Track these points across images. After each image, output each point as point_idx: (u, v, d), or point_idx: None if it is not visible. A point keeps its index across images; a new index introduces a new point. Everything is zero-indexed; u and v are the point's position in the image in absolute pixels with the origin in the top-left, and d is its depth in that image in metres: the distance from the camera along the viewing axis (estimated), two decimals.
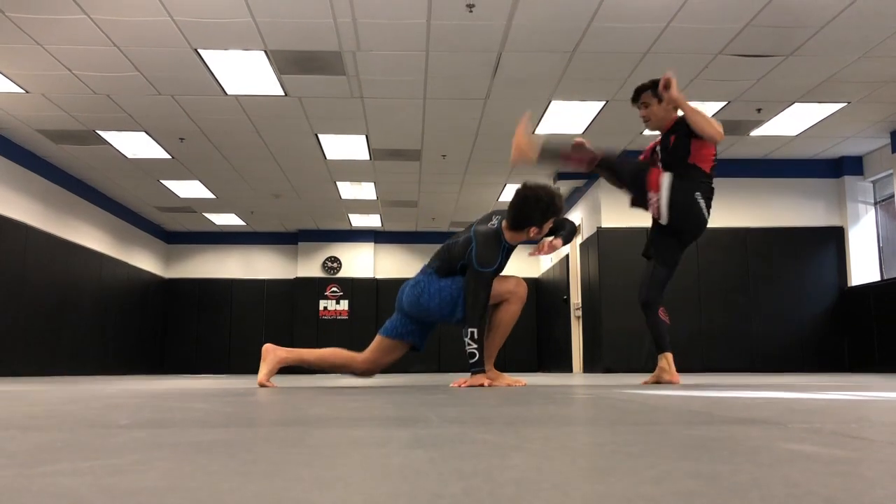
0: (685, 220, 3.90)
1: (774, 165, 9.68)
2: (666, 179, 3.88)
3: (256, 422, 1.33)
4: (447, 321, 3.58)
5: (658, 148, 4.08)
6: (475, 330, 3.36)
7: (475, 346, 3.36)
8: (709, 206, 3.92)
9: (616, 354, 9.18)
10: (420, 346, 3.77)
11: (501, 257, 3.49)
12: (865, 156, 9.49)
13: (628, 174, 4.17)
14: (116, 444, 0.95)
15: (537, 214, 3.42)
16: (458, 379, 3.68)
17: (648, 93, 4.00)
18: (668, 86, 3.85)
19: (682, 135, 3.89)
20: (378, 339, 3.74)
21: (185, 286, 14.36)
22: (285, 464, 0.75)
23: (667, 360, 3.95)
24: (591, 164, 4.12)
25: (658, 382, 3.91)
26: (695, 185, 3.86)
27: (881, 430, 1.11)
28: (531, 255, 3.71)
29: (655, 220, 4.02)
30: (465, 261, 3.44)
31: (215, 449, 0.89)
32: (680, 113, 3.96)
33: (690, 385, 3.63)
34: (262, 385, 3.43)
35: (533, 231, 3.47)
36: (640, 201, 4.11)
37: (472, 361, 3.37)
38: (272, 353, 3.54)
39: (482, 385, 3.31)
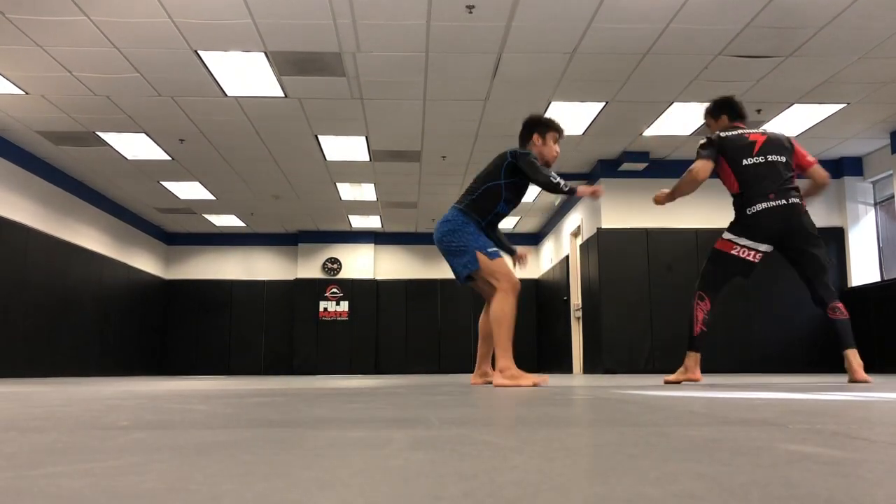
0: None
1: None
2: None
3: (257, 423, 1.33)
4: (451, 267, 3.88)
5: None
6: (551, 172, 3.75)
7: (559, 179, 3.70)
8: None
9: (616, 355, 9.18)
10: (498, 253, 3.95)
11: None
12: (865, 156, 9.49)
13: None
14: (116, 446, 0.95)
15: (535, 124, 4.01)
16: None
17: (706, 113, 4.58)
18: (658, 202, 4.29)
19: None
20: (494, 260, 3.86)
21: (185, 287, 14.36)
22: (285, 465, 0.75)
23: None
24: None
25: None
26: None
27: (882, 431, 1.11)
28: (582, 191, 3.89)
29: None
30: (509, 162, 3.83)
31: (215, 450, 0.88)
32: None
33: (691, 386, 3.63)
34: (538, 383, 3.56)
35: (536, 140, 3.97)
36: None
37: (566, 190, 3.69)
38: (509, 373, 3.59)
39: (586, 190, 3.76)
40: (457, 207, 3.88)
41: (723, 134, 4.15)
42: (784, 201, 3.95)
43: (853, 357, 3.91)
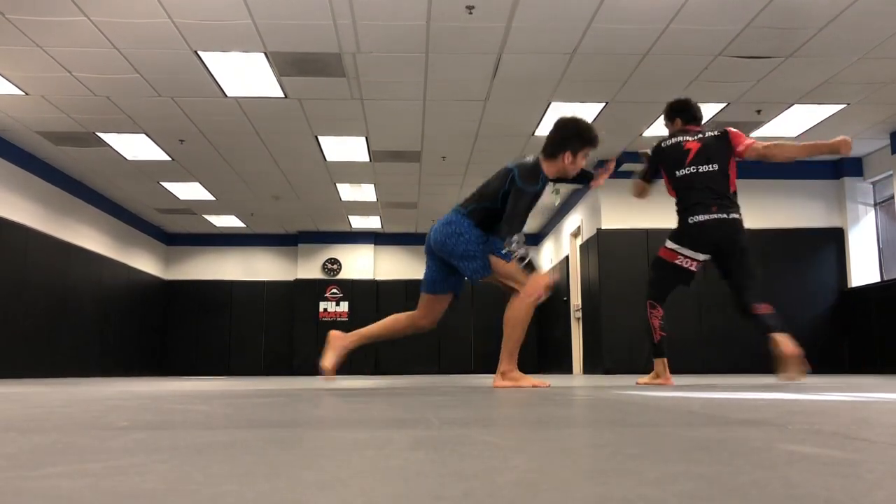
0: None
1: (774, 167, 9.66)
2: None
3: (257, 424, 1.33)
4: (460, 270, 3.60)
5: None
6: (518, 234, 3.42)
7: (523, 249, 3.42)
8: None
9: (616, 355, 9.18)
10: (456, 294, 3.81)
11: (542, 183, 3.55)
12: (865, 157, 9.49)
13: None
14: (116, 447, 0.95)
15: (571, 139, 3.53)
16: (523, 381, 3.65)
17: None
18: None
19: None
20: (422, 295, 3.80)
21: (185, 288, 14.36)
22: (285, 466, 0.75)
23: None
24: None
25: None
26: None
27: (881, 432, 1.11)
28: (595, 183, 3.80)
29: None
30: (507, 187, 3.49)
31: (215, 451, 0.89)
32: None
33: (691, 386, 3.63)
34: (325, 370, 3.53)
35: (567, 158, 3.55)
36: None
37: (525, 264, 3.44)
38: (338, 340, 3.63)
39: (536, 281, 3.45)
40: (461, 211, 3.59)
41: (663, 144, 4.30)
42: (724, 215, 4.06)
43: (784, 339, 3.89)
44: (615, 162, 3.84)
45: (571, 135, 3.54)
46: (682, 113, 4.39)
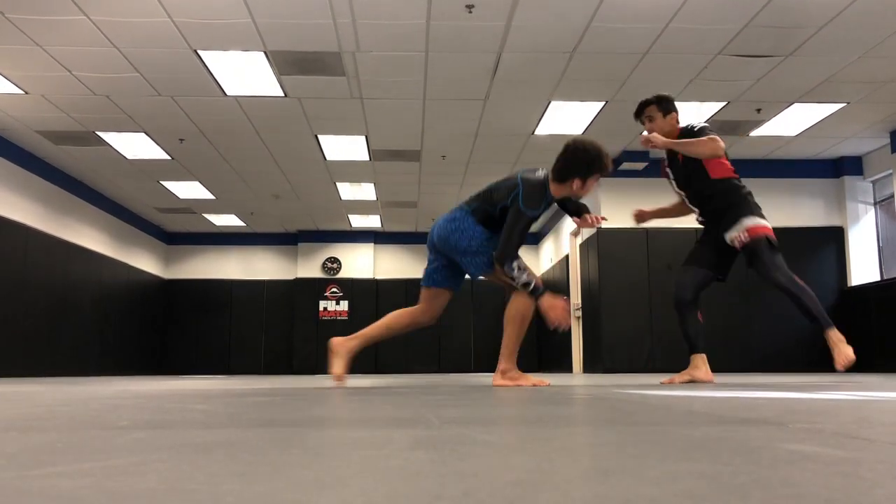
0: None
1: (774, 166, 9.68)
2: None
3: (256, 423, 1.33)
4: (463, 265, 3.60)
5: (666, 168, 4.13)
6: (517, 261, 3.39)
7: (525, 273, 3.38)
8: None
9: (616, 355, 9.18)
10: (455, 289, 3.80)
11: (544, 206, 3.51)
12: (865, 156, 9.49)
13: None
14: (116, 446, 0.95)
15: (583, 166, 3.43)
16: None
17: (653, 107, 4.05)
18: (649, 142, 3.89)
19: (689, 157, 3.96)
20: (422, 290, 3.81)
21: (184, 287, 14.36)
22: (285, 465, 0.75)
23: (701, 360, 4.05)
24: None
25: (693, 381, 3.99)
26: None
27: (882, 431, 1.11)
28: (574, 233, 3.74)
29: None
30: (508, 203, 3.45)
31: (215, 450, 0.88)
32: (682, 125, 4.04)
33: (691, 385, 3.63)
34: (337, 378, 3.52)
35: (576, 184, 3.47)
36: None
37: (530, 290, 3.41)
38: (342, 346, 3.59)
39: (553, 307, 3.38)
40: (465, 209, 3.58)
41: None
42: None
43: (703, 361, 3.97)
44: (604, 219, 3.76)
45: (583, 162, 3.44)
46: (674, 106, 4.17)
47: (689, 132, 3.97)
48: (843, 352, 3.83)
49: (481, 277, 3.66)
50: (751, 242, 3.92)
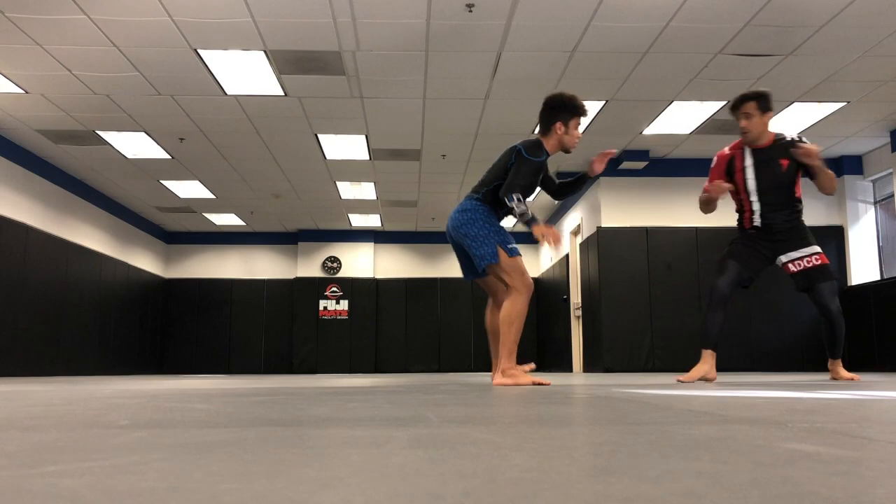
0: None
1: None
2: None
3: (256, 422, 1.33)
4: (470, 252, 3.76)
5: (746, 165, 4.08)
6: (517, 194, 3.59)
7: (523, 205, 3.59)
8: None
9: (616, 354, 9.18)
10: (485, 275, 3.92)
11: (545, 155, 3.78)
12: (865, 155, 9.49)
13: None
14: (116, 445, 0.95)
15: (558, 109, 3.76)
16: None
17: (753, 103, 4.03)
18: (809, 154, 3.94)
19: (794, 165, 4.01)
20: (476, 283, 4.05)
21: (185, 286, 14.36)
22: (285, 464, 0.75)
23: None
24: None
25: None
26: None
27: (881, 430, 1.11)
28: (593, 170, 3.89)
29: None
30: (513, 160, 3.71)
31: (215, 449, 0.88)
32: (775, 130, 4.08)
33: (691, 384, 3.63)
34: (541, 383, 3.55)
35: (560, 129, 3.75)
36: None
37: (527, 219, 3.60)
38: (508, 373, 3.62)
39: (543, 235, 3.57)
40: (473, 197, 3.80)
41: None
42: None
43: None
44: (614, 151, 3.95)
45: (557, 106, 3.77)
46: (771, 105, 4.14)
47: (784, 143, 4.02)
48: (844, 376, 4.13)
49: (485, 270, 3.79)
50: (817, 268, 4.03)
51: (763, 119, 4.02)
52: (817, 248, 4.06)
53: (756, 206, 4.08)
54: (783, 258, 4.07)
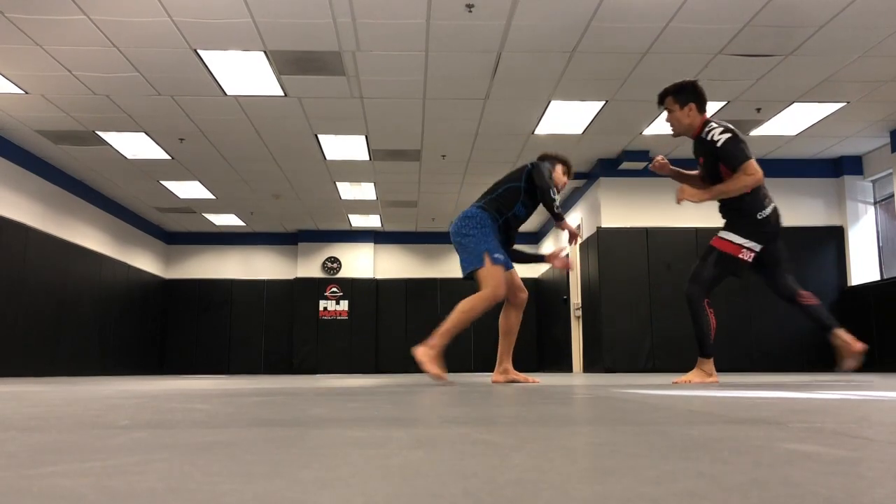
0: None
1: (774, 165, 9.66)
2: None
3: (256, 422, 1.33)
4: (459, 256, 4.04)
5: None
6: (552, 188, 3.97)
7: (558, 203, 3.98)
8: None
9: (616, 354, 9.18)
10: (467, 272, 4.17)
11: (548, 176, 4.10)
12: (865, 155, 9.49)
13: None
14: (116, 445, 0.95)
15: (546, 158, 4.21)
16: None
17: (670, 98, 3.93)
18: (682, 199, 3.85)
19: (710, 159, 3.88)
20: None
21: (184, 287, 14.36)
22: (285, 464, 0.75)
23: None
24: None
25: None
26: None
27: (881, 430, 1.11)
28: (551, 258, 4.36)
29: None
30: (522, 180, 4.07)
31: (215, 450, 0.89)
32: (715, 119, 3.98)
33: (691, 385, 3.63)
34: (439, 377, 4.01)
35: (550, 167, 4.14)
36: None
37: (559, 212, 3.98)
38: (429, 352, 4.05)
39: (569, 225, 4.06)
40: (477, 205, 4.07)
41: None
42: (774, 203, 4.01)
43: (845, 333, 3.94)
44: (579, 234, 4.35)
45: (545, 157, 4.23)
46: (698, 98, 3.96)
47: (706, 142, 3.84)
48: (706, 380, 4.08)
49: (470, 272, 3.97)
50: (711, 249, 3.96)
51: (685, 112, 3.90)
52: (722, 233, 3.94)
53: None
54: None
